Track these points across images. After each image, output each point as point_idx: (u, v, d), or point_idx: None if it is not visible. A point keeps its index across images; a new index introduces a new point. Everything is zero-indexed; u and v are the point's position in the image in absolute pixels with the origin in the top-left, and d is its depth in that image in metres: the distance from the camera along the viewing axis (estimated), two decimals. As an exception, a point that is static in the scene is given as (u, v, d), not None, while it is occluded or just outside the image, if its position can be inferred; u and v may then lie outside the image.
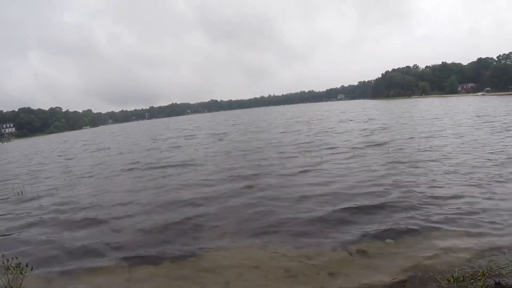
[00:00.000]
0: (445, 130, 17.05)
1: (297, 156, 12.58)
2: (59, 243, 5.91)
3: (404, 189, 7.06)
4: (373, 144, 14.04)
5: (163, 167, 12.96)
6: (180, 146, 21.09)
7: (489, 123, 18.72)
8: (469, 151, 10.67)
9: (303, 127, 27.36)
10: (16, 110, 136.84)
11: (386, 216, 5.69)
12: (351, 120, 30.67)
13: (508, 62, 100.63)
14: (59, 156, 24.63)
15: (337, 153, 12.58)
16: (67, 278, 4.62)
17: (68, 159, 21.30)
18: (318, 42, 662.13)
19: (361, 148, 13.19)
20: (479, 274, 3.53)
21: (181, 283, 4.19)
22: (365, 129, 20.85)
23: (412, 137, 15.12)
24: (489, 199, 6.08)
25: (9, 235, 6.68)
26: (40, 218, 7.62)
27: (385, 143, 13.97)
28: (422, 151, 11.32)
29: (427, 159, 9.98)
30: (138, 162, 15.39)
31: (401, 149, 12.23)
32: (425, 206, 5.97)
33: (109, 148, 25.70)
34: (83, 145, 34.38)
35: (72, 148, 31.82)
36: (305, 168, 10.09)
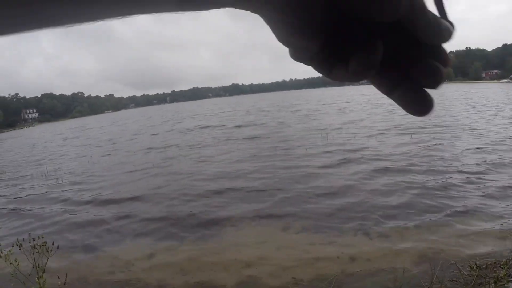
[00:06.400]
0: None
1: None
2: (82, 222, 6.22)
3: (429, 174, 7.01)
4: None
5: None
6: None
7: None
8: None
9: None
10: (39, 96, 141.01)
11: (409, 201, 5.67)
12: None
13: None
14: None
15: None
16: (90, 255, 4.86)
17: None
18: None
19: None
20: (502, 263, 3.52)
21: (203, 261, 4.34)
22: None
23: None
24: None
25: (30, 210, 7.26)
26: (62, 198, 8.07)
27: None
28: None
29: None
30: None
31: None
32: (450, 192, 5.91)
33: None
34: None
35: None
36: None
